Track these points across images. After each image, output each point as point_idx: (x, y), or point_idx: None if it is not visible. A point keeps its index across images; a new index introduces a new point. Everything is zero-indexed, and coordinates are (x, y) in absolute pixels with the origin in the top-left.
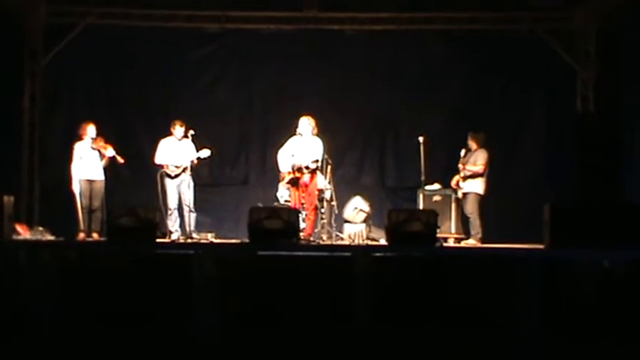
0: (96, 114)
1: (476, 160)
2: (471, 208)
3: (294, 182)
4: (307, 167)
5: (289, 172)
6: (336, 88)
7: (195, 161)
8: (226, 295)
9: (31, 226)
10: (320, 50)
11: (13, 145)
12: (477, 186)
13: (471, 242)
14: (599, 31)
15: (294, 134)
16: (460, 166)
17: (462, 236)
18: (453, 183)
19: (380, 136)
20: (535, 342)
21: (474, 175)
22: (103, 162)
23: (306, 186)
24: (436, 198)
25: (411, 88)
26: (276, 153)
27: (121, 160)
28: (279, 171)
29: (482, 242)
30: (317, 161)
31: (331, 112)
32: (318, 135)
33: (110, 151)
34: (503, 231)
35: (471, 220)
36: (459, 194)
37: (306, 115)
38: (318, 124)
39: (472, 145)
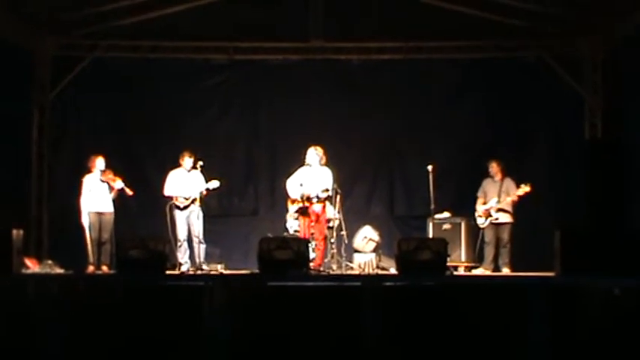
0: (104, 146)
1: (508, 190)
2: (509, 237)
3: (304, 212)
4: (317, 197)
5: (298, 201)
6: (343, 118)
7: (205, 192)
8: (237, 326)
9: (40, 259)
10: (327, 80)
11: (22, 178)
12: (510, 215)
13: (480, 271)
14: (607, 60)
15: (303, 164)
16: (495, 199)
17: (472, 264)
18: (481, 211)
19: (389, 165)
20: None
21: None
22: (112, 194)
23: (317, 216)
24: (446, 226)
25: (419, 116)
26: (285, 182)
27: (130, 192)
28: (288, 197)
29: (493, 270)
30: (327, 190)
31: (340, 142)
32: (327, 165)
33: (119, 184)
34: (513, 258)
35: (506, 250)
36: (483, 223)
37: (314, 145)
38: (326, 154)
39: (496, 173)
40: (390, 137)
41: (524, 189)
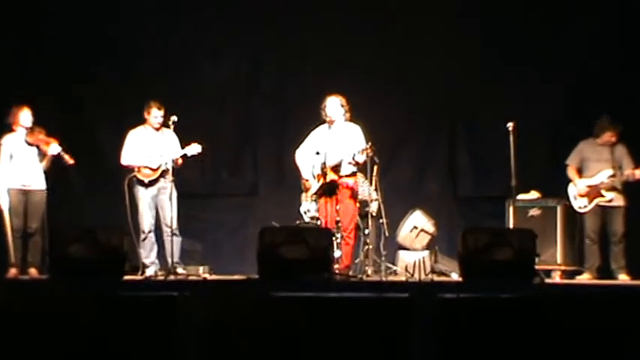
0: (33, 94)
1: (621, 160)
2: (624, 228)
3: (326, 191)
4: (354, 161)
5: (318, 177)
6: (380, 56)
7: (180, 161)
8: (225, 355)
9: None
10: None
11: None
12: (623, 197)
13: (584, 278)
14: None
15: (322, 122)
16: (608, 171)
17: (573, 268)
18: (583, 188)
19: (449, 123)
20: None
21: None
22: (44, 163)
23: (347, 194)
24: (533, 212)
25: (495, 53)
26: (294, 154)
27: (70, 160)
28: (301, 177)
29: (602, 277)
30: (366, 149)
31: (375, 91)
32: (352, 121)
33: (54, 148)
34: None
35: (621, 247)
36: (584, 206)
37: (337, 94)
38: (351, 108)
39: (608, 135)
40: (451, 83)
41: None
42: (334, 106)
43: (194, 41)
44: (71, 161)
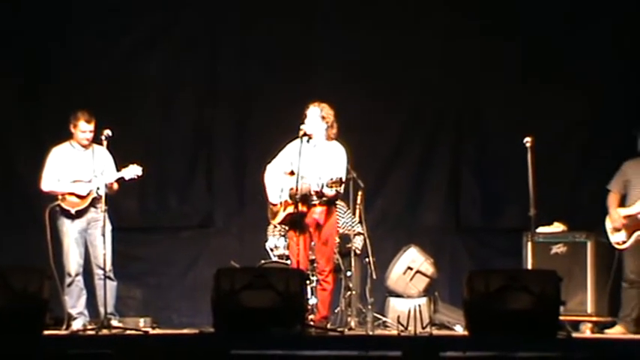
0: None
1: None
2: None
3: (297, 221)
4: (320, 193)
5: (286, 204)
6: (370, 56)
7: (116, 186)
8: None
9: None
10: None
11: None
12: None
13: (618, 331)
14: None
15: (296, 137)
16: None
17: (606, 319)
18: (621, 219)
19: (449, 137)
20: None
21: None
22: None
23: (319, 228)
24: (557, 249)
25: (508, 55)
26: (264, 170)
27: None
28: (268, 202)
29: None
30: (339, 182)
31: (362, 97)
32: (336, 138)
33: None
34: None
35: None
36: (623, 242)
37: (318, 102)
38: (337, 119)
39: None
40: (455, 90)
41: None
42: (314, 117)
43: (131, 33)
44: None
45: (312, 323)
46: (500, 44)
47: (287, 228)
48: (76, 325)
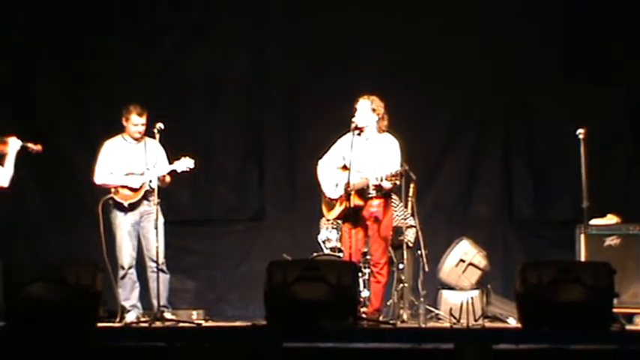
0: None
1: None
2: None
3: (351, 216)
4: (378, 187)
5: (340, 199)
6: (418, 48)
7: (168, 179)
8: None
9: None
10: None
11: None
12: None
13: None
14: None
15: (346, 131)
16: None
17: None
18: None
19: (502, 131)
20: None
21: None
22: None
23: (374, 222)
24: (611, 241)
25: (556, 43)
26: (316, 165)
27: (35, 146)
28: (323, 196)
29: None
30: (399, 175)
31: (412, 91)
32: (389, 131)
33: (14, 143)
34: None
35: None
36: None
37: (368, 95)
38: (388, 112)
39: None
40: (506, 82)
41: None
42: (365, 110)
43: (183, 33)
44: (38, 147)
45: (364, 316)
46: (552, 37)
47: (340, 222)
48: (130, 317)
